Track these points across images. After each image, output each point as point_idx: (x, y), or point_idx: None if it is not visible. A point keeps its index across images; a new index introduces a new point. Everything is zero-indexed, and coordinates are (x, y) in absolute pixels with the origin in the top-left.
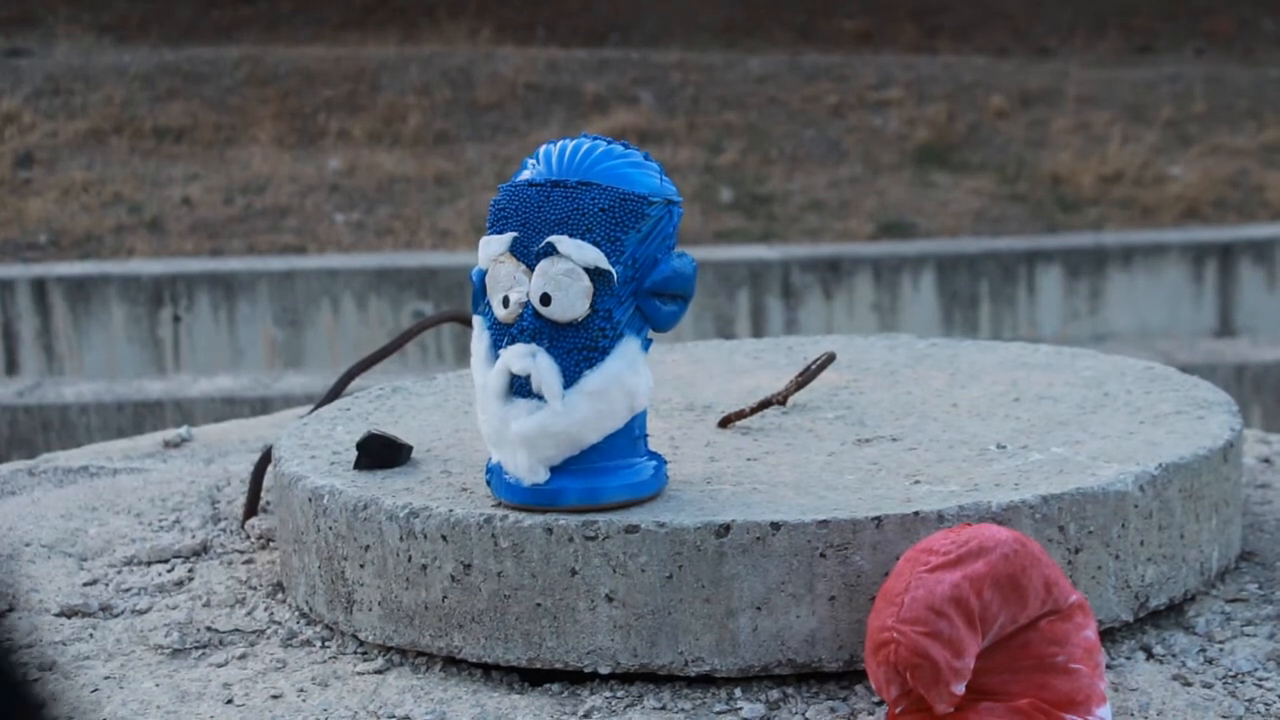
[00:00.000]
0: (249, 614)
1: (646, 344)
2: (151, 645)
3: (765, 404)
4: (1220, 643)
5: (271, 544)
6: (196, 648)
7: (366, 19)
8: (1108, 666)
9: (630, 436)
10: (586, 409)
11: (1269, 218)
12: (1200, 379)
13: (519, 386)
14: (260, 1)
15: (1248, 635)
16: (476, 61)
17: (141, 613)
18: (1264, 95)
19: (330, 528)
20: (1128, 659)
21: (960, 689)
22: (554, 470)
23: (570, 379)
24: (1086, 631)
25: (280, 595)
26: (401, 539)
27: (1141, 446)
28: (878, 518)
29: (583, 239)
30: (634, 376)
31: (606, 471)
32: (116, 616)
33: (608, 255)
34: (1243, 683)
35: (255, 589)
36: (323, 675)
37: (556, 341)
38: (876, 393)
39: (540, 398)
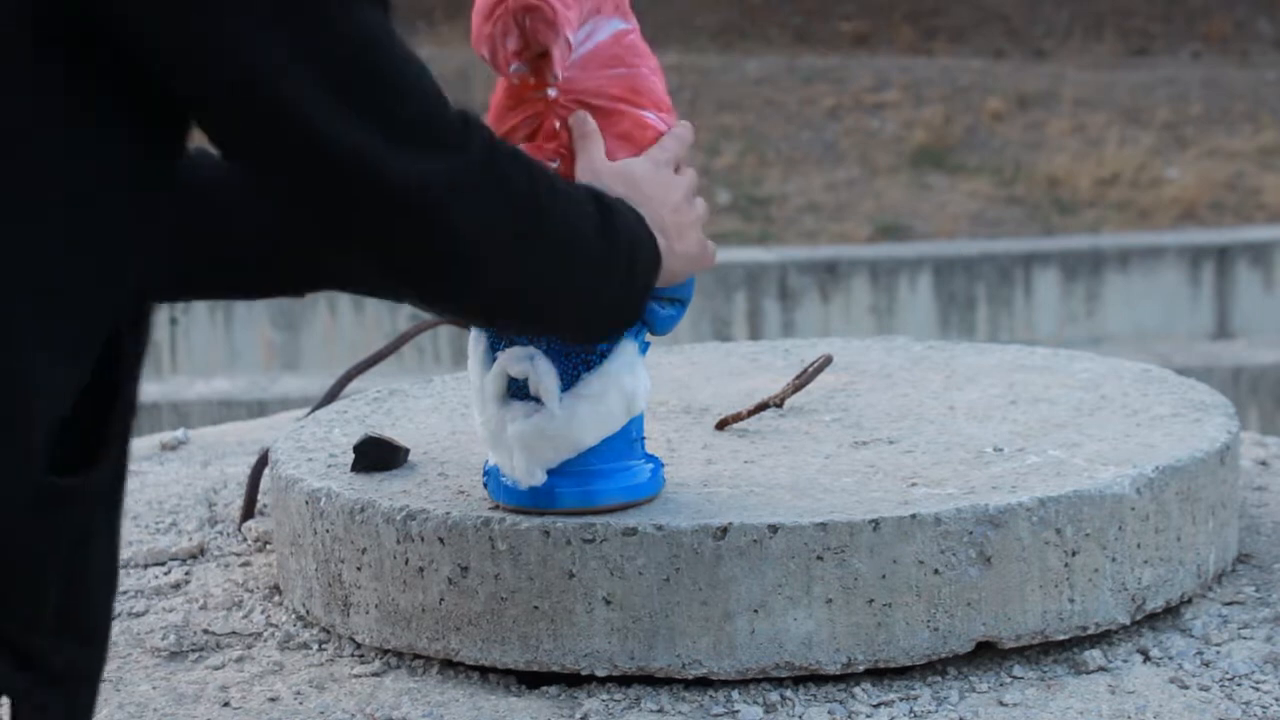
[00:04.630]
0: (246, 616)
1: (644, 347)
2: (148, 648)
3: (762, 406)
4: (1217, 645)
5: (268, 546)
6: (193, 650)
7: None
8: (1104, 669)
9: (627, 439)
10: (584, 412)
11: (1265, 220)
12: (1197, 381)
13: (516, 389)
14: None
15: (1245, 638)
16: (474, 64)
17: (138, 615)
18: (1260, 97)
19: (327, 530)
20: (1125, 662)
21: (571, 38)
22: (551, 473)
23: (568, 382)
24: (652, 59)
25: (277, 598)
26: (398, 541)
27: (1138, 449)
28: (875, 520)
29: None
30: (632, 379)
31: (603, 474)
32: (113, 619)
33: None
34: (1240, 685)
35: (252, 591)
36: (320, 678)
37: (554, 344)
38: (873, 395)
39: (538, 400)
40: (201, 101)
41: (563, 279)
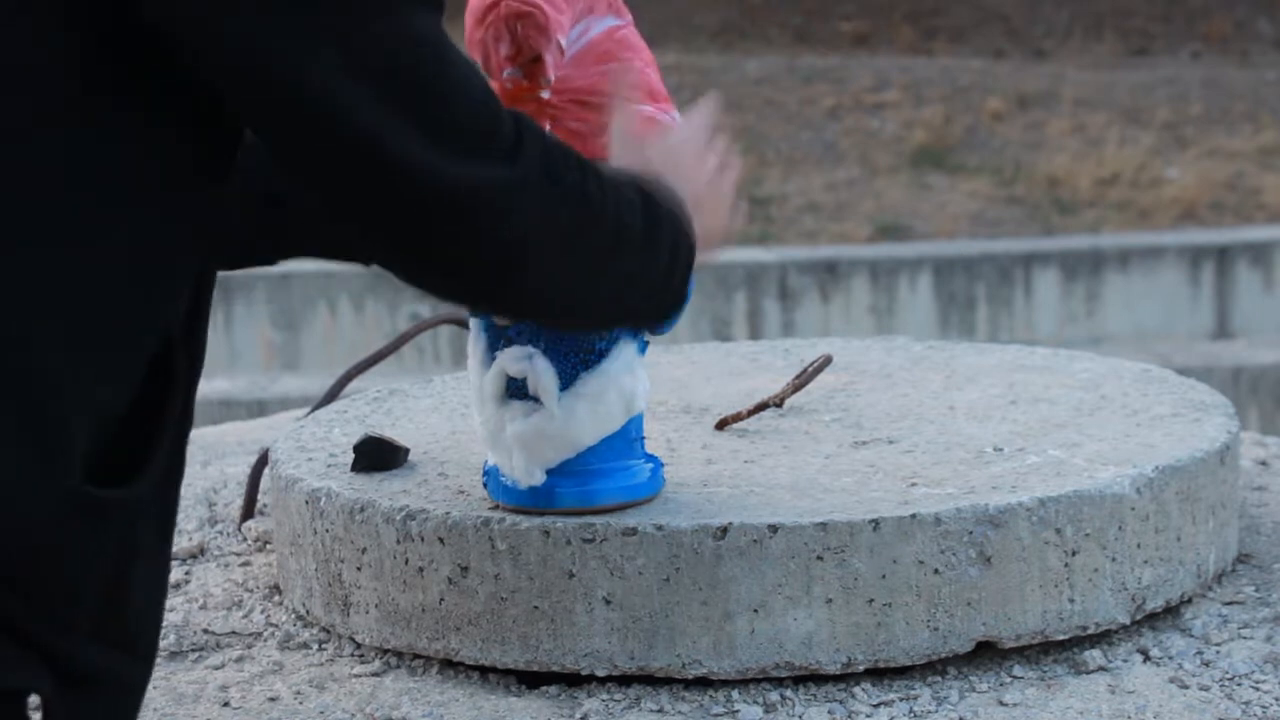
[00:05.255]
0: (246, 616)
1: (643, 347)
2: None
3: (762, 406)
4: (1217, 645)
5: (268, 546)
6: (193, 650)
7: None
8: (1104, 669)
9: (627, 439)
10: (583, 412)
11: (1265, 220)
12: (1197, 381)
13: (515, 389)
14: None
15: (1244, 638)
16: (473, 64)
17: None
18: (1260, 97)
19: (327, 530)
20: (1124, 661)
21: (563, 41)
22: (550, 472)
23: (566, 382)
24: (645, 50)
25: (277, 598)
26: (398, 541)
27: (1138, 449)
28: (875, 520)
29: None
30: (630, 379)
31: (603, 474)
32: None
33: None
34: (1239, 685)
35: (252, 591)
36: (319, 678)
37: (553, 344)
38: (873, 395)
39: (536, 400)
40: (252, 113)
41: (610, 272)
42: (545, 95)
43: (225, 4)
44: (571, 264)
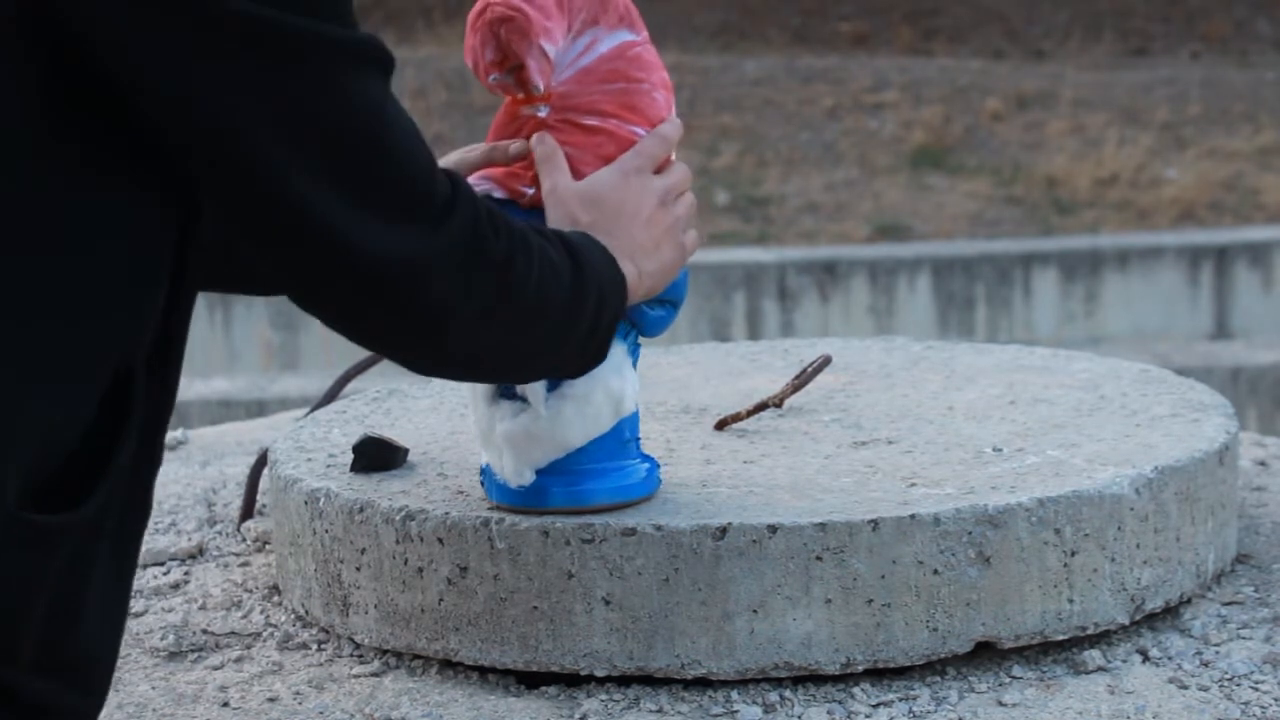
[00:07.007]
0: (245, 617)
1: (634, 349)
2: (147, 648)
3: (761, 406)
4: (1216, 645)
5: (268, 547)
6: (192, 650)
7: (362, 22)
8: (1103, 669)
9: (619, 439)
10: (570, 412)
11: (1264, 220)
12: (1196, 381)
13: (505, 388)
14: None
15: (1244, 638)
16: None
17: (137, 615)
18: (1259, 98)
19: (326, 530)
20: (1124, 662)
21: (550, 50)
22: (543, 472)
23: (554, 382)
24: (661, 71)
25: (276, 598)
26: (398, 541)
27: (1137, 449)
28: (874, 520)
29: None
30: (619, 380)
31: (595, 474)
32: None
33: None
34: (1239, 685)
35: (251, 592)
36: (319, 678)
37: None
38: (872, 395)
39: (525, 400)
40: (183, 162)
41: (530, 341)
42: (542, 114)
43: (153, 50)
44: (494, 329)
